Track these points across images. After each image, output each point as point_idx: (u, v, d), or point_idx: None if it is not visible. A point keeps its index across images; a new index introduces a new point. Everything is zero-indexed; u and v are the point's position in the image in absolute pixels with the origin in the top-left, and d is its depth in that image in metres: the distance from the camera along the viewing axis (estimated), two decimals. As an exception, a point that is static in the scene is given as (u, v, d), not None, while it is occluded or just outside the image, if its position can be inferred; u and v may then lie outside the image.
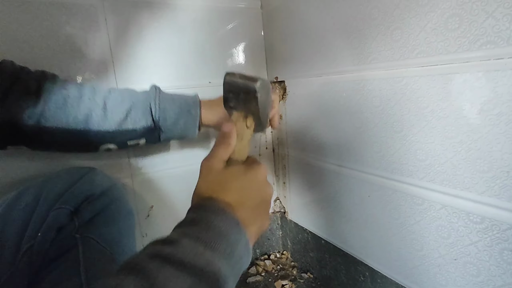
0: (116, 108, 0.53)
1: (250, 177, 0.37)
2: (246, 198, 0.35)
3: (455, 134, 0.44)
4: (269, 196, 0.39)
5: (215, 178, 0.36)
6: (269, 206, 0.40)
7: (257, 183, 0.37)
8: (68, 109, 0.50)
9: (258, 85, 0.38)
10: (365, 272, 0.65)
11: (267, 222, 0.39)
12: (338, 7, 0.59)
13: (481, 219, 0.43)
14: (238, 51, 0.82)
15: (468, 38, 0.40)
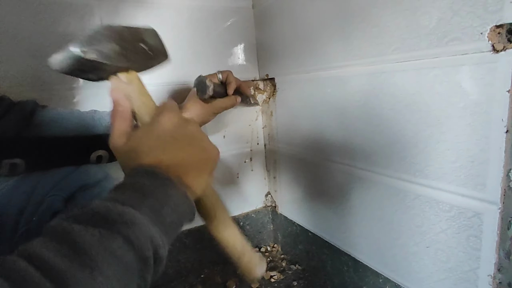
0: (104, 116, 0.57)
1: (158, 131, 0.34)
2: (165, 152, 0.33)
3: (426, 127, 0.46)
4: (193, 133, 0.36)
5: (124, 154, 0.35)
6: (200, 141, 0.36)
7: (169, 130, 0.34)
8: (61, 120, 0.54)
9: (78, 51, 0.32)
10: (348, 262, 0.67)
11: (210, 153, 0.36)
12: (323, 6, 0.61)
13: (449, 207, 0.45)
14: (230, 49, 0.84)
15: (437, 35, 0.43)
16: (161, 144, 0.34)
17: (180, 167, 0.33)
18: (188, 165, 0.34)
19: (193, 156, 0.35)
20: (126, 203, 0.27)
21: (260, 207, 0.95)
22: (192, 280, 0.83)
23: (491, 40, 0.37)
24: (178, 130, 0.35)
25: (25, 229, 0.47)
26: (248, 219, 0.93)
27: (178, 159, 0.33)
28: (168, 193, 0.30)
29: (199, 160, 0.35)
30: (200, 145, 0.36)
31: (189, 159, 0.34)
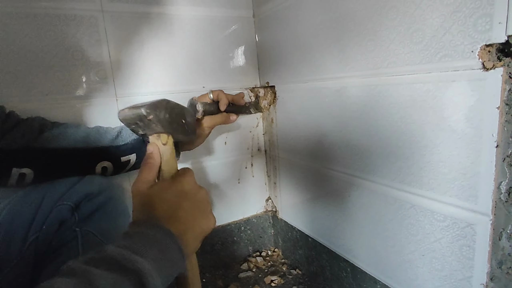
0: (109, 130, 0.61)
1: (176, 189, 0.40)
2: (176, 209, 0.38)
3: (420, 139, 0.48)
4: (202, 200, 0.42)
5: (143, 200, 0.39)
6: (205, 208, 0.42)
7: (184, 192, 0.40)
8: (69, 133, 0.57)
9: (144, 111, 0.41)
10: (347, 268, 0.69)
11: (209, 223, 0.42)
12: (321, 18, 0.63)
13: (443, 217, 0.47)
14: (232, 57, 0.86)
15: (429, 51, 0.44)
16: (177, 201, 0.39)
17: (184, 225, 0.38)
18: (191, 226, 0.39)
19: (197, 219, 0.40)
20: (137, 252, 0.31)
21: (261, 212, 0.97)
22: (194, 285, 0.85)
23: (481, 58, 0.39)
24: (193, 193, 0.41)
25: (35, 237, 0.50)
26: (249, 224, 0.95)
27: (185, 218, 0.39)
28: (170, 248, 0.35)
29: (200, 225, 0.40)
30: (206, 212, 0.42)
31: (193, 221, 0.39)
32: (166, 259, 0.34)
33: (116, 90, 0.72)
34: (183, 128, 0.48)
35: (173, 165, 0.45)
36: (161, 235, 0.35)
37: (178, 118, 0.47)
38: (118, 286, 0.28)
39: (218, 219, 0.90)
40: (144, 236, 0.34)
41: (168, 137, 0.45)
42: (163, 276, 0.33)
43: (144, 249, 0.32)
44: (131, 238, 0.34)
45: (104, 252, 0.31)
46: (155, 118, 0.42)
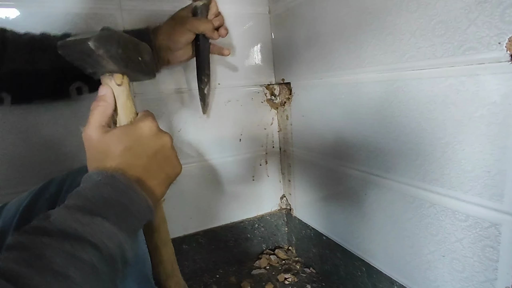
0: None
1: (134, 134, 0.36)
2: (135, 156, 0.35)
3: (442, 136, 0.46)
4: (164, 146, 0.38)
5: (97, 148, 0.36)
6: (169, 154, 0.39)
7: (144, 137, 0.37)
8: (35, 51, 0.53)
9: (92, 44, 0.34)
10: (362, 268, 0.68)
11: (174, 170, 0.39)
12: (337, 13, 0.62)
13: (465, 217, 0.45)
14: (247, 54, 0.86)
15: (452, 44, 0.42)
16: (135, 147, 0.36)
17: (147, 172, 0.36)
18: (154, 173, 0.37)
19: (160, 166, 0.38)
20: (95, 213, 0.29)
21: (275, 209, 0.97)
22: (207, 280, 0.85)
23: (509, 50, 0.37)
24: (154, 138, 0.37)
25: None
26: (263, 221, 0.95)
27: (147, 165, 0.36)
28: (132, 199, 0.33)
29: (164, 171, 0.38)
30: (169, 157, 0.39)
31: (156, 168, 0.37)
32: (129, 212, 0.32)
33: (134, 87, 0.73)
34: (139, 67, 0.41)
35: (131, 108, 0.40)
36: (121, 186, 0.32)
37: (134, 54, 0.40)
38: (75, 251, 0.25)
39: (232, 216, 0.90)
40: (101, 191, 0.31)
41: (123, 77, 0.39)
42: (129, 230, 0.31)
43: (103, 209, 0.30)
44: (86, 197, 0.30)
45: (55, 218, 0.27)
46: (106, 53, 0.35)
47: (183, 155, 0.81)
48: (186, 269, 0.85)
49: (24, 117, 0.64)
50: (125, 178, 0.33)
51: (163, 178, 0.38)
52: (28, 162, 0.65)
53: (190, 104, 0.80)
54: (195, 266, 0.87)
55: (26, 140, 0.65)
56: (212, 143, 0.84)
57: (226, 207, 0.89)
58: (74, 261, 0.25)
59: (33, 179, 0.65)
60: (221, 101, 0.84)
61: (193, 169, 0.82)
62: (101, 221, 0.29)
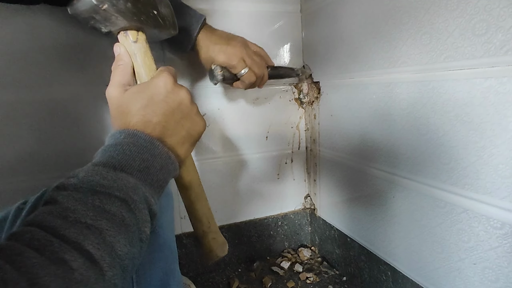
0: None
1: (150, 91, 0.36)
2: (152, 114, 0.35)
3: (478, 139, 0.44)
4: (181, 102, 0.37)
5: (118, 107, 0.36)
6: (188, 110, 0.38)
7: (158, 95, 0.36)
8: None
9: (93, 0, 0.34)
10: (387, 272, 0.66)
11: (195, 127, 0.38)
12: (371, 12, 0.61)
13: (501, 224, 0.43)
14: (278, 52, 0.87)
15: (494, 44, 0.41)
16: (152, 105, 0.35)
17: (166, 130, 0.35)
18: (174, 130, 0.36)
19: (180, 123, 0.37)
20: (118, 168, 0.30)
21: (299, 208, 0.97)
22: (229, 273, 0.87)
23: (556, 50, 0.35)
24: (171, 95, 0.36)
25: None
26: (286, 220, 0.95)
27: (165, 122, 0.35)
28: (154, 154, 0.33)
29: (185, 128, 0.37)
30: (189, 114, 0.38)
31: (174, 125, 0.36)
32: (153, 168, 0.32)
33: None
34: (156, 21, 0.39)
35: (150, 66, 0.39)
36: (142, 143, 0.33)
37: (147, 8, 0.38)
38: (105, 206, 0.27)
39: (256, 212, 0.92)
40: (123, 149, 0.32)
41: (138, 33, 0.38)
42: (153, 185, 0.32)
43: (126, 164, 0.30)
44: (110, 154, 0.31)
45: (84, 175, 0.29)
46: (112, 7, 0.34)
47: (210, 150, 0.83)
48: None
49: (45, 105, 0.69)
50: (145, 135, 0.34)
51: (184, 136, 0.37)
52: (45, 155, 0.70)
53: (219, 99, 0.82)
54: (218, 259, 0.89)
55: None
56: (239, 139, 0.86)
57: (250, 203, 0.91)
58: (104, 214, 0.26)
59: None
60: (249, 99, 0.85)
61: (220, 164, 0.84)
62: (126, 176, 0.30)
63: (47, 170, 0.68)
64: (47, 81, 0.65)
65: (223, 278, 0.86)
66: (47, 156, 0.68)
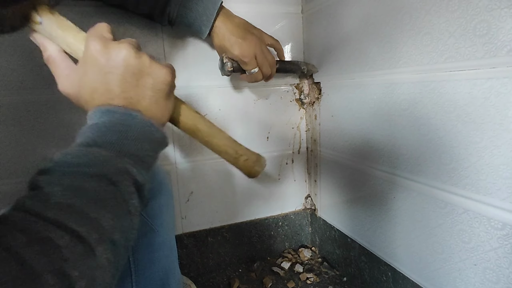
0: None
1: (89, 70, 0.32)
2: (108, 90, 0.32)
3: (479, 139, 0.44)
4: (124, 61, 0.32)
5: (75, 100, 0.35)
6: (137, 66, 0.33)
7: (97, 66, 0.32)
8: None
9: None
10: (387, 272, 0.66)
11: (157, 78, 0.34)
12: (372, 13, 0.61)
13: (502, 225, 0.43)
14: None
15: (495, 45, 0.41)
16: (99, 84, 0.32)
17: (130, 99, 0.32)
18: (137, 94, 0.33)
19: (138, 84, 0.33)
20: (91, 145, 0.29)
21: (300, 209, 0.97)
22: (230, 274, 0.87)
23: (557, 51, 0.35)
24: (108, 62, 0.32)
25: None
26: (287, 220, 0.95)
27: (124, 92, 0.32)
28: (129, 124, 0.31)
29: (147, 86, 0.33)
30: (141, 70, 0.33)
31: (135, 89, 0.32)
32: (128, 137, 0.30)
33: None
34: None
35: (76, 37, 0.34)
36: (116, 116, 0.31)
37: None
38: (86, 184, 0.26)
39: (257, 212, 0.92)
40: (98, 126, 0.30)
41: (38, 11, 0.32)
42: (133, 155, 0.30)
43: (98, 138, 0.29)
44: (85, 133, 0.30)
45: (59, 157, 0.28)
46: None
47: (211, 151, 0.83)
48: (210, 262, 0.88)
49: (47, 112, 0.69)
50: (117, 108, 0.32)
51: (151, 95, 0.34)
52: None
53: (220, 100, 0.82)
54: (219, 259, 0.89)
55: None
56: (240, 140, 0.85)
57: (251, 204, 0.91)
58: (83, 191, 0.26)
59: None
60: (249, 99, 0.85)
61: (220, 164, 0.85)
62: (96, 149, 0.29)
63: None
64: (46, 82, 0.66)
65: (224, 278, 0.86)
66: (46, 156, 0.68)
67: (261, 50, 0.66)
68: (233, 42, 0.63)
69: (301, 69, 0.80)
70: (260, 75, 0.69)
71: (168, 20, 0.63)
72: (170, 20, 0.63)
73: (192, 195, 0.83)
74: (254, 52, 0.65)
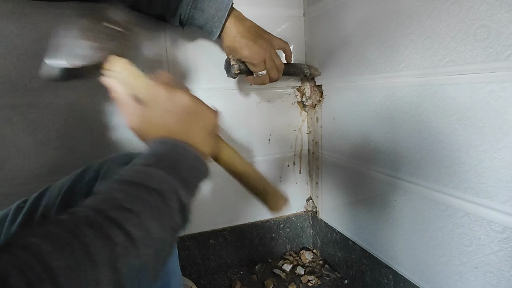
0: None
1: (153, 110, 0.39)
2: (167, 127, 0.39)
3: (480, 143, 0.45)
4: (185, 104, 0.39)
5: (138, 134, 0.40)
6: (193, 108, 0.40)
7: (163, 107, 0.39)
8: None
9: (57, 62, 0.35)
10: (388, 275, 0.66)
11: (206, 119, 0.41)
12: (374, 16, 0.61)
13: (502, 228, 0.43)
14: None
15: (495, 49, 0.41)
16: (160, 122, 0.39)
17: (183, 135, 0.39)
18: (190, 132, 0.39)
19: (192, 124, 0.40)
20: (152, 165, 0.34)
21: (301, 211, 0.97)
22: (231, 276, 0.87)
23: (557, 55, 0.35)
24: (169, 104, 0.39)
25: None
26: (288, 222, 0.95)
27: (179, 130, 0.39)
28: (181, 153, 0.37)
29: (199, 126, 0.40)
30: (195, 111, 0.40)
31: (189, 127, 0.39)
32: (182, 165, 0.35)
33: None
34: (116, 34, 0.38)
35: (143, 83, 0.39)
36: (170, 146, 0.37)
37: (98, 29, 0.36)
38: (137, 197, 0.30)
39: (258, 214, 0.92)
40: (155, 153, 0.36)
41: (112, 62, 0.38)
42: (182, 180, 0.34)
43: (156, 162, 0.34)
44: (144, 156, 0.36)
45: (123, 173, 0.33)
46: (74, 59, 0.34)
47: (214, 152, 0.84)
48: (211, 263, 0.88)
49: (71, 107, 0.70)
50: (173, 140, 0.38)
51: (201, 134, 0.40)
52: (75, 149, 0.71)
53: (222, 103, 0.83)
54: (220, 261, 0.89)
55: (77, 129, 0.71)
56: (242, 142, 0.87)
57: (252, 206, 0.91)
58: (140, 201, 0.30)
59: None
60: (251, 102, 0.86)
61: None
62: (155, 170, 0.33)
63: (53, 172, 0.69)
64: (52, 84, 0.67)
65: (225, 280, 0.86)
66: (53, 157, 0.69)
67: (270, 55, 0.67)
68: (244, 44, 0.64)
69: (303, 72, 0.81)
70: (267, 78, 0.70)
71: (179, 21, 0.64)
72: (181, 21, 0.64)
73: (194, 197, 0.84)
74: (264, 56, 0.66)
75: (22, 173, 0.67)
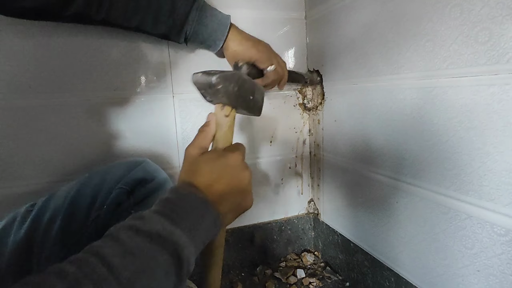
0: None
1: (221, 162, 0.41)
2: (215, 181, 0.39)
3: (482, 145, 0.45)
4: (243, 179, 0.42)
5: (190, 164, 0.41)
6: (245, 187, 0.42)
7: (229, 166, 0.41)
8: None
9: (214, 80, 0.42)
10: (390, 278, 0.66)
11: (247, 202, 0.43)
12: (375, 19, 0.61)
13: (505, 231, 0.43)
14: (283, 57, 0.87)
15: (497, 51, 0.41)
16: (219, 173, 0.40)
17: (222, 198, 0.39)
18: (228, 200, 0.40)
19: (235, 196, 0.41)
20: (176, 223, 0.34)
21: (302, 213, 0.97)
22: (232, 277, 0.87)
23: (559, 58, 0.35)
24: (237, 170, 0.41)
25: (96, 215, 0.55)
26: (290, 224, 0.95)
27: (223, 191, 0.40)
28: (204, 216, 0.37)
29: (237, 201, 0.41)
30: (245, 191, 0.42)
31: (230, 196, 0.40)
32: (201, 228, 0.36)
33: (173, 88, 0.77)
34: (248, 104, 0.47)
35: (229, 138, 0.46)
36: (198, 203, 0.37)
37: (247, 93, 0.46)
38: (155, 257, 0.30)
39: (260, 216, 0.92)
40: (182, 203, 0.36)
41: (231, 110, 0.45)
42: (196, 244, 0.35)
43: (181, 219, 0.34)
44: (170, 205, 0.36)
45: (147, 221, 0.33)
46: (223, 89, 0.42)
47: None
48: (213, 265, 0.88)
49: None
50: (204, 197, 0.38)
51: (234, 208, 0.41)
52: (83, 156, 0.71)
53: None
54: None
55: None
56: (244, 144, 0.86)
57: (254, 207, 0.91)
58: (153, 261, 0.30)
59: (81, 169, 0.72)
60: (254, 104, 0.86)
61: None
62: (180, 233, 0.33)
63: (54, 173, 0.69)
64: (56, 86, 0.67)
65: (227, 282, 0.86)
66: (54, 159, 0.69)
67: (274, 54, 0.70)
68: (250, 44, 0.67)
69: (304, 79, 0.83)
70: (277, 74, 0.70)
71: (184, 38, 0.65)
72: (186, 38, 0.65)
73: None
74: (270, 53, 0.68)
75: (28, 175, 0.68)
